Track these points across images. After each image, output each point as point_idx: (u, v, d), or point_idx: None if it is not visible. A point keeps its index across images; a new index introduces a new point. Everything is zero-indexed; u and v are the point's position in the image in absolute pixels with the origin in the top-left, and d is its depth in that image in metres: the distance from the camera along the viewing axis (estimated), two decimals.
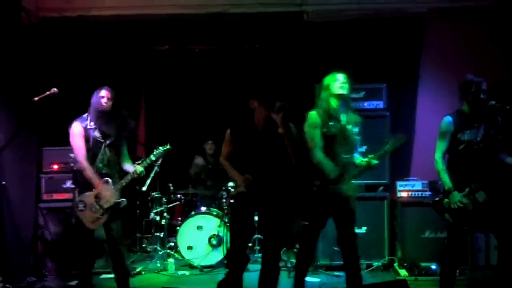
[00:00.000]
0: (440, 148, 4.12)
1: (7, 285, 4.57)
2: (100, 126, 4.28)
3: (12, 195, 5.04)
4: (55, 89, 4.05)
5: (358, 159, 4.22)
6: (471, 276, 5.16)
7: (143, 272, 5.53)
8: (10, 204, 5.01)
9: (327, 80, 4.26)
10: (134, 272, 5.43)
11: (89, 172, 4.18)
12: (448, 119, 4.07)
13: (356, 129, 4.24)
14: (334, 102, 4.19)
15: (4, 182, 4.20)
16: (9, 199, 4.98)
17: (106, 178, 4.28)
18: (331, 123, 4.08)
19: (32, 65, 5.46)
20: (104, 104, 4.28)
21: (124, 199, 4.37)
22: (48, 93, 4.04)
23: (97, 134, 4.27)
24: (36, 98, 3.99)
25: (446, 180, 4.03)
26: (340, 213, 4.17)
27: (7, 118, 5.12)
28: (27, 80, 5.30)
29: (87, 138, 4.23)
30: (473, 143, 3.99)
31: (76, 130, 4.22)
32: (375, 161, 4.13)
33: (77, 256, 4.49)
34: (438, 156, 4.11)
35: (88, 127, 4.26)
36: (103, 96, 4.29)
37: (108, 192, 4.24)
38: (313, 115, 4.16)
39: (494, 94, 4.07)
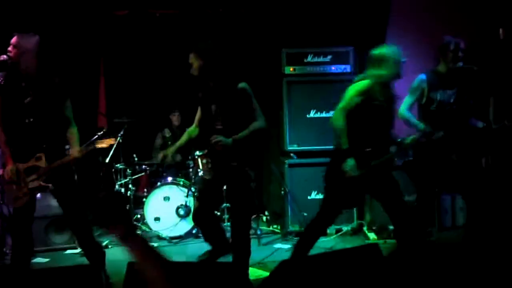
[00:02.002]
0: (406, 102, 4.10)
1: None
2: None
3: None
4: (4, 56, 3.77)
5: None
6: (438, 237, 5.23)
7: (109, 246, 5.39)
8: None
9: (385, 51, 3.87)
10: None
11: None
12: (422, 76, 4.06)
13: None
14: (386, 77, 3.82)
15: None
16: None
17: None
18: (380, 97, 3.78)
19: None
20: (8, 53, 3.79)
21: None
22: None
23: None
24: None
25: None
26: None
27: None
28: None
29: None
30: (445, 103, 3.97)
31: None
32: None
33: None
34: (402, 108, 4.08)
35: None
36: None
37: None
38: (364, 84, 3.81)
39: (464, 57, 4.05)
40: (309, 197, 5.55)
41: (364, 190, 3.90)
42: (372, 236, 5.36)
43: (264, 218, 6.14)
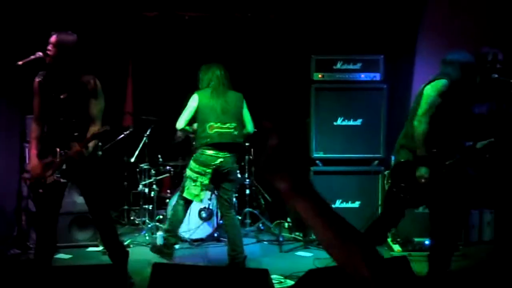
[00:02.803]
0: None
1: None
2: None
3: None
4: (40, 53, 3.81)
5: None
6: (465, 252, 5.12)
7: (131, 245, 5.40)
8: None
9: (454, 56, 3.87)
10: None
11: None
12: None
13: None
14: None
15: None
16: None
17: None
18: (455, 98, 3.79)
19: (14, 29, 5.21)
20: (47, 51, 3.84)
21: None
22: (32, 57, 3.80)
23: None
24: (20, 62, 3.76)
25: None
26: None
27: None
28: (8, 44, 5.06)
29: None
30: (482, 116, 3.90)
31: None
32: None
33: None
34: None
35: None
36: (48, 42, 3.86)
37: None
38: (443, 83, 3.81)
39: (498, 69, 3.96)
40: (333, 206, 5.48)
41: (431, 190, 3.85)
42: (396, 248, 5.26)
43: (286, 224, 6.09)
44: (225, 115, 4.64)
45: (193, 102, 4.70)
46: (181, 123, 4.70)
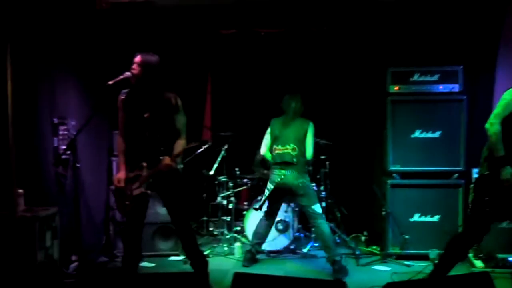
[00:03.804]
0: None
1: (82, 265, 4.69)
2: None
3: (85, 177, 5.19)
4: (128, 73, 4.07)
5: None
6: None
7: (210, 256, 5.57)
8: (83, 186, 5.16)
9: None
10: None
11: None
12: None
13: None
14: None
15: (78, 165, 4.30)
16: (83, 181, 5.12)
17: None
18: None
19: (104, 49, 5.58)
20: (133, 71, 4.09)
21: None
22: (121, 77, 4.06)
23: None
24: (110, 82, 4.03)
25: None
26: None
27: (81, 102, 5.27)
28: (99, 65, 5.42)
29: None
30: None
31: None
32: None
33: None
34: None
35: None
36: (133, 62, 4.12)
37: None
38: None
39: None
40: (410, 219, 5.39)
41: None
42: (478, 264, 5.09)
43: (363, 238, 6.04)
44: (285, 138, 5.18)
45: (268, 129, 5.41)
46: (263, 149, 5.43)
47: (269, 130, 5.38)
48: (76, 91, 5.26)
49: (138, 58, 4.08)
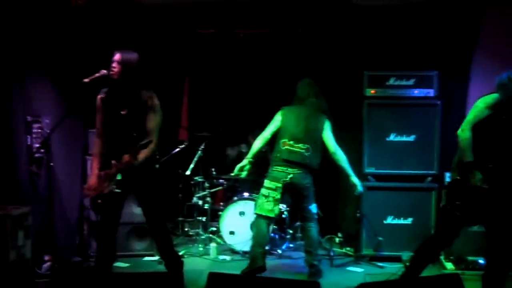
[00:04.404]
0: None
1: (55, 265, 4.65)
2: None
3: (59, 176, 5.12)
4: (104, 71, 4.03)
5: None
6: None
7: (185, 256, 5.56)
8: (57, 185, 5.09)
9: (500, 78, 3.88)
10: None
11: None
12: None
13: None
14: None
15: (52, 164, 4.25)
16: (57, 180, 5.06)
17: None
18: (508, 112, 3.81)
19: (80, 47, 5.51)
20: (112, 68, 4.03)
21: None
22: (97, 74, 4.02)
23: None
24: (86, 80, 3.98)
25: None
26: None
27: (55, 100, 5.21)
28: (74, 62, 5.36)
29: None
30: None
31: None
32: None
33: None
34: None
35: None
36: (112, 60, 4.06)
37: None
38: (494, 97, 3.85)
39: None
40: (384, 222, 5.46)
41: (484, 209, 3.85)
42: (449, 266, 5.19)
43: (337, 239, 6.10)
44: (301, 135, 4.79)
45: (278, 116, 4.91)
46: (261, 138, 4.95)
47: (279, 118, 4.92)
48: (51, 89, 5.18)
49: (117, 56, 4.03)
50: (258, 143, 4.94)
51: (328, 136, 4.88)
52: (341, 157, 4.88)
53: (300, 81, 5.05)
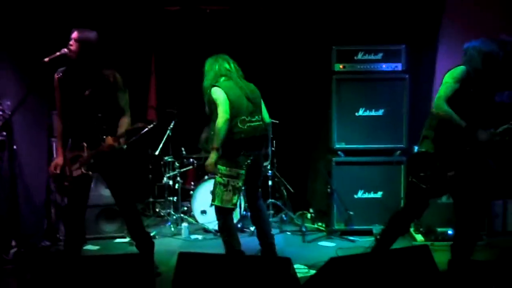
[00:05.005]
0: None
1: (21, 250, 4.55)
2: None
3: (23, 159, 4.99)
4: (65, 50, 3.90)
5: None
6: (489, 241, 5.09)
7: (157, 237, 5.52)
8: (22, 168, 4.96)
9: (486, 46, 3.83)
10: None
11: None
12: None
13: None
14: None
15: (15, 147, 4.12)
16: (21, 163, 4.93)
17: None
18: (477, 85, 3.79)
19: (40, 26, 5.33)
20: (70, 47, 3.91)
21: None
22: (58, 53, 3.88)
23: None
24: (46, 59, 3.85)
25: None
26: None
27: (16, 81, 5.04)
28: (35, 42, 5.18)
29: None
30: (503, 104, 3.87)
31: None
32: None
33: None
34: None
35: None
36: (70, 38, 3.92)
37: None
38: (461, 70, 3.81)
39: None
40: (355, 196, 5.50)
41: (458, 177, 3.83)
42: (419, 237, 5.27)
43: (309, 215, 6.13)
44: (252, 107, 4.36)
45: (221, 93, 4.26)
46: (227, 115, 4.22)
47: (224, 96, 4.28)
48: (11, 70, 5.02)
49: (75, 34, 3.92)
50: (225, 128, 4.22)
51: (263, 104, 4.55)
52: (270, 128, 4.64)
53: (212, 58, 4.66)
